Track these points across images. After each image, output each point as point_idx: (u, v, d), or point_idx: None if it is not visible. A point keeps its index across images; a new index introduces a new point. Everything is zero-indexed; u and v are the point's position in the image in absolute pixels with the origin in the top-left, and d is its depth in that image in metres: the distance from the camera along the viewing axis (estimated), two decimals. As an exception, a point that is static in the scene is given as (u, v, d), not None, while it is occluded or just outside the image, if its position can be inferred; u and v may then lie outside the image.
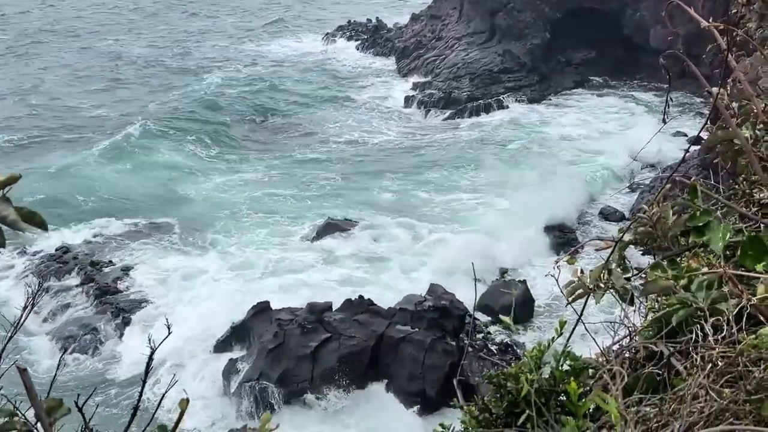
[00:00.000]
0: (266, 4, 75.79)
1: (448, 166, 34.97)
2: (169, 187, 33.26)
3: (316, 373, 19.64)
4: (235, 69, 51.61)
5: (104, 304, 24.34)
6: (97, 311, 24.12)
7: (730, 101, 2.93)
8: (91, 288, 25.19)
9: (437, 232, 28.38)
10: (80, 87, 49.15)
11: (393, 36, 55.03)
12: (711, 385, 2.03)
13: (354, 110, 43.34)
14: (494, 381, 2.85)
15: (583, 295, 2.77)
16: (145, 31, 65.43)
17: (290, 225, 29.63)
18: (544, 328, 22.19)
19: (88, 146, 37.93)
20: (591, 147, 36.54)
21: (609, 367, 2.28)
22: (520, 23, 46.27)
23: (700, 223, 2.61)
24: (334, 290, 24.09)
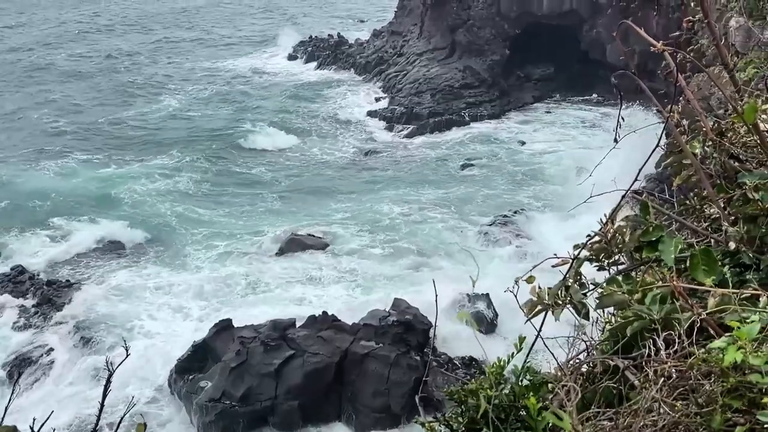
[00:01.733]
0: (224, 20, 75.52)
1: (407, 182, 35.19)
2: (125, 205, 32.80)
3: (280, 391, 19.45)
4: (193, 87, 51.23)
5: (60, 324, 23.79)
6: (53, 333, 23.55)
7: (680, 118, 3.02)
8: (48, 308, 24.62)
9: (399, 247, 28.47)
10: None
11: (354, 52, 55.26)
12: (664, 399, 2.07)
13: (314, 126, 43.33)
14: (455, 397, 2.86)
15: (542, 311, 2.81)
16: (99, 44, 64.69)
17: (252, 241, 29.43)
18: (508, 340, 22.33)
19: (43, 161, 37.32)
20: (547, 161, 37.07)
21: (564, 383, 2.31)
22: (480, 39, 46.88)
23: (652, 238, 2.67)
24: (298, 306, 23.97)
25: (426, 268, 27.10)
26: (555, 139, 40.03)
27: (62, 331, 23.45)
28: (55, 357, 22.41)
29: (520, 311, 3.44)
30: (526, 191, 33.90)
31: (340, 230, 30.12)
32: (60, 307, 24.57)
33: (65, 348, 22.69)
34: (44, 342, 23.03)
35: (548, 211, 31.79)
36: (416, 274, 26.61)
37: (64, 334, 23.28)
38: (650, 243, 2.69)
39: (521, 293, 3.31)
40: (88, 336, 22.98)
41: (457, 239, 29.19)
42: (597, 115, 43.49)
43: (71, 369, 21.88)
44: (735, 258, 2.66)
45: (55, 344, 22.87)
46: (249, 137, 41.39)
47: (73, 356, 22.34)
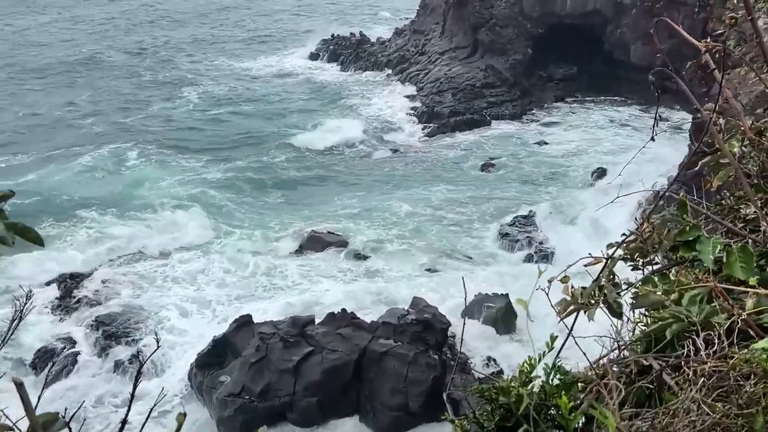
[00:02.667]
0: (247, 19, 75.82)
1: (425, 181, 35.17)
2: (150, 200, 33.04)
3: (298, 387, 19.52)
4: (215, 85, 51.48)
5: (85, 316, 24.03)
6: (78, 324, 23.80)
7: (717, 118, 2.98)
8: (72, 301, 24.90)
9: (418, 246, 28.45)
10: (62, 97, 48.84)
11: (376, 50, 55.24)
12: (703, 399, 2.05)
13: (336, 124, 43.35)
14: (485, 395, 2.85)
15: (575, 311, 2.79)
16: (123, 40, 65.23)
17: (273, 237, 29.56)
18: (529, 342, 22.22)
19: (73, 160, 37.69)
20: (569, 162, 36.85)
21: (605, 381, 2.29)
22: (502, 39, 46.70)
23: (689, 237, 2.64)
24: (318, 303, 24.03)
25: (444, 268, 27.06)
26: (577, 140, 39.76)
27: (87, 322, 23.67)
28: (80, 349, 22.63)
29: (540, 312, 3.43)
30: (546, 192, 33.71)
31: (358, 227, 30.17)
32: (84, 300, 24.81)
33: (90, 340, 22.90)
34: (69, 334, 23.27)
35: (568, 212, 31.61)
36: (435, 273, 26.59)
37: (89, 326, 23.49)
38: (687, 242, 2.66)
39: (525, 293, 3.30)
40: (114, 328, 23.19)
41: (476, 239, 29.13)
42: (620, 115, 43.16)
43: (96, 360, 22.09)
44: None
45: (80, 336, 23.11)
46: (271, 135, 41.55)
47: (98, 348, 22.54)
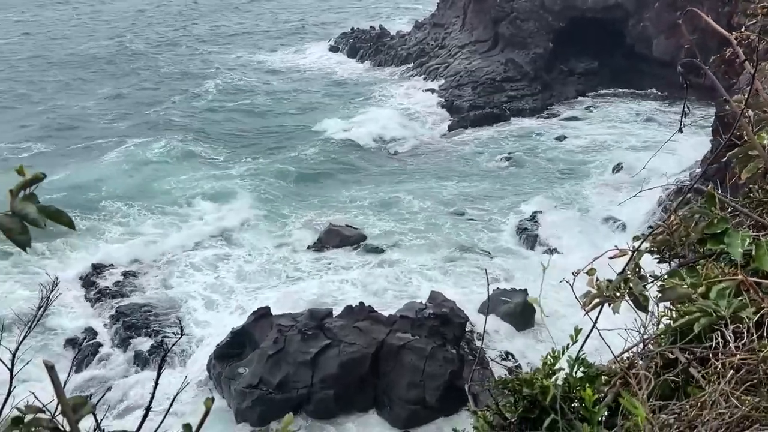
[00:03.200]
0: (267, 12, 75.97)
1: (445, 175, 35.10)
2: (174, 192, 33.25)
3: (315, 380, 19.60)
4: (234, 77, 51.67)
5: (109, 308, 24.29)
6: (103, 316, 24.07)
7: (746, 109, 2.94)
8: (92, 291, 25.18)
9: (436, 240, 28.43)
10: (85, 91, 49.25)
11: (396, 44, 55.13)
12: (732, 392, 2.03)
13: (355, 118, 43.35)
14: (509, 387, 2.85)
15: (600, 303, 2.77)
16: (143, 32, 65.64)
17: (292, 229, 29.64)
18: (547, 337, 22.14)
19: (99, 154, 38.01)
20: (590, 157, 36.60)
21: (635, 372, 2.28)
22: (523, 32, 46.41)
23: (717, 230, 2.61)
24: (335, 296, 24.10)
25: (462, 262, 27.02)
26: (598, 135, 39.44)
27: (110, 313, 23.91)
28: (103, 339, 22.87)
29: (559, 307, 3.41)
30: (566, 187, 33.50)
31: (377, 221, 30.20)
32: (109, 291, 25.10)
33: (113, 330, 23.12)
34: (92, 325, 23.53)
35: (588, 207, 31.42)
36: (452, 268, 26.56)
37: (112, 316, 23.73)
38: (715, 235, 2.64)
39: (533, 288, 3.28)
40: (135, 319, 23.41)
41: (494, 234, 29.03)
42: (642, 110, 42.73)
43: (118, 350, 22.32)
44: (803, 252, 2.59)
45: (103, 327, 23.35)
46: (291, 128, 41.68)
47: (120, 338, 22.75)
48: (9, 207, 1.67)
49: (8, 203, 1.68)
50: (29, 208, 1.68)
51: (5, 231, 1.64)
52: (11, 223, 1.65)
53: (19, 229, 1.65)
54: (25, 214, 1.68)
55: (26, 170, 1.68)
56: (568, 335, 3.04)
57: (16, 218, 1.66)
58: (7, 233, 1.65)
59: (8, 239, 1.66)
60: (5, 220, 1.64)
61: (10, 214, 1.66)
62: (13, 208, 1.67)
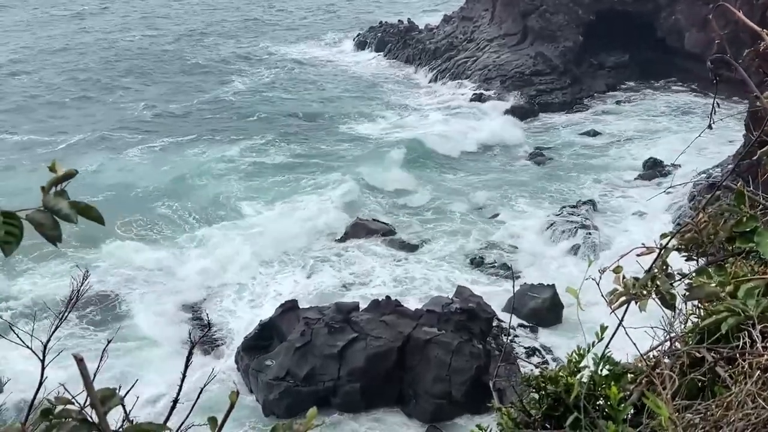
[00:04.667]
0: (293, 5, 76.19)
1: (474, 170, 34.96)
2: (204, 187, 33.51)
3: (342, 373, 19.70)
4: (261, 71, 51.87)
5: (135, 297, 24.65)
6: (129, 303, 24.40)
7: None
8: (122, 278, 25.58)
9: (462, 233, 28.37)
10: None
11: (424, 37, 54.96)
12: (759, 393, 2.01)
13: (383, 112, 43.34)
14: (533, 384, 2.84)
15: (627, 301, 2.75)
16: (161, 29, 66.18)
17: (319, 221, 29.68)
18: (572, 332, 22.00)
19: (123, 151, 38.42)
20: (620, 152, 36.21)
21: (659, 371, 2.26)
22: (552, 25, 45.99)
23: (747, 228, 2.58)
24: (362, 290, 24.17)
25: (489, 257, 26.94)
26: (628, 129, 39.00)
27: (137, 301, 24.24)
28: (134, 324, 23.15)
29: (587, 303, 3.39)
30: (596, 182, 33.20)
31: (403, 216, 30.23)
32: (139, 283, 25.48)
33: (144, 322, 23.41)
34: (121, 314, 23.88)
35: (618, 203, 31.12)
36: (480, 262, 26.50)
37: (139, 304, 24.06)
38: (744, 234, 2.60)
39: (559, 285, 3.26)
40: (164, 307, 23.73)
41: (522, 229, 28.84)
42: (674, 104, 42.16)
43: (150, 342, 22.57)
44: (835, 251, 2.54)
45: (136, 313, 23.65)
46: (315, 119, 41.81)
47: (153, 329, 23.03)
48: (41, 203, 1.71)
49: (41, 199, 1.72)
50: (61, 204, 1.72)
51: (37, 226, 1.68)
52: (43, 219, 1.69)
53: (51, 225, 1.69)
54: (58, 209, 1.72)
55: (59, 166, 1.71)
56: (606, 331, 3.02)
57: (48, 214, 1.70)
58: (39, 228, 1.69)
59: (40, 234, 1.70)
60: (37, 215, 1.68)
61: (43, 210, 1.70)
62: (46, 203, 1.71)
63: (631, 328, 2.93)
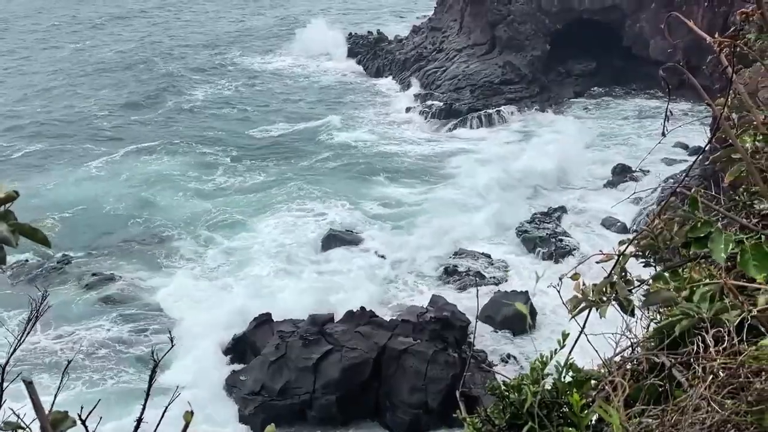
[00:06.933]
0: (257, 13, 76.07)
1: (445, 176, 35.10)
2: (167, 200, 33.27)
3: (317, 385, 19.59)
4: (224, 82, 51.71)
5: (105, 315, 24.31)
6: (98, 323, 24.07)
7: (730, 112, 2.95)
8: (94, 299, 25.20)
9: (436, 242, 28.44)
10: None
11: (394, 48, 55.19)
12: (713, 396, 2.04)
13: (353, 122, 43.37)
14: (496, 392, 2.85)
15: (586, 308, 2.78)
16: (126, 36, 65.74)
17: (292, 234, 29.59)
18: (547, 339, 22.13)
19: (86, 160, 38.07)
20: (589, 158, 36.56)
21: (611, 379, 2.28)
22: (520, 35, 46.47)
23: (701, 234, 2.62)
24: (336, 301, 24.08)
25: (463, 265, 27.00)
26: (596, 136, 39.44)
27: (106, 320, 23.93)
28: (101, 346, 22.86)
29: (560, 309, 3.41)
30: (566, 188, 33.52)
31: (376, 224, 30.25)
32: (105, 299, 25.11)
33: (110, 336, 23.12)
34: (89, 333, 23.53)
35: (587, 209, 31.43)
36: (454, 271, 26.55)
37: (109, 323, 23.75)
38: (699, 239, 2.64)
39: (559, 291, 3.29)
40: (133, 326, 23.44)
41: (495, 237, 29.01)
42: (640, 110, 42.76)
43: (117, 357, 22.30)
44: (787, 255, 2.59)
45: (101, 332, 23.35)
46: (284, 132, 41.72)
47: (118, 345, 22.76)
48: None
49: None
50: (1, 227, 1.69)
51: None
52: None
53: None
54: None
55: (1, 187, 1.69)
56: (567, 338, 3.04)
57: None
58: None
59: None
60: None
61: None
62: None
63: (593, 334, 2.96)
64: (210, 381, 20.84)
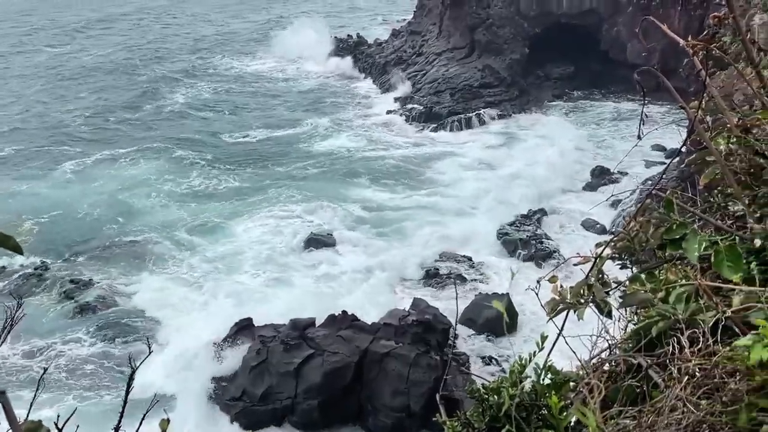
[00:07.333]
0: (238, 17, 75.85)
1: (426, 180, 35.17)
2: (145, 205, 33.02)
3: (299, 390, 19.52)
4: (203, 85, 51.48)
5: (84, 322, 24.06)
6: (77, 330, 23.82)
7: (704, 115, 2.99)
8: (71, 306, 24.92)
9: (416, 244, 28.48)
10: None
11: (374, 52, 55.27)
12: (688, 397, 2.05)
13: (333, 125, 43.34)
14: (476, 395, 2.85)
15: (564, 310, 2.79)
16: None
17: (272, 238, 29.49)
18: (528, 340, 22.22)
19: (62, 164, 37.72)
20: (568, 161, 36.80)
21: (587, 381, 2.30)
22: (499, 39, 46.73)
23: (676, 235, 2.65)
24: (318, 305, 24.00)
25: (444, 268, 27.05)
26: (575, 139, 39.70)
27: (85, 327, 23.69)
28: (79, 353, 22.64)
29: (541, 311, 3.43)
30: (545, 190, 33.67)
31: (355, 227, 30.24)
32: (84, 306, 24.85)
33: (89, 345, 22.90)
34: (67, 340, 23.28)
35: (567, 211, 31.63)
36: (435, 274, 26.58)
37: (88, 330, 23.52)
38: (674, 240, 2.67)
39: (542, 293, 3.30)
40: (111, 333, 23.22)
41: (476, 239, 29.07)
42: (618, 113, 43.16)
43: (95, 365, 22.08)
44: (761, 256, 2.62)
45: (78, 341, 23.12)
46: (264, 136, 41.60)
47: (97, 353, 22.55)
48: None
49: None
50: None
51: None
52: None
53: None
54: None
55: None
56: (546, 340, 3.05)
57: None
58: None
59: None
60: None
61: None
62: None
63: (571, 336, 2.97)
64: (191, 388, 20.67)
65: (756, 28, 13.11)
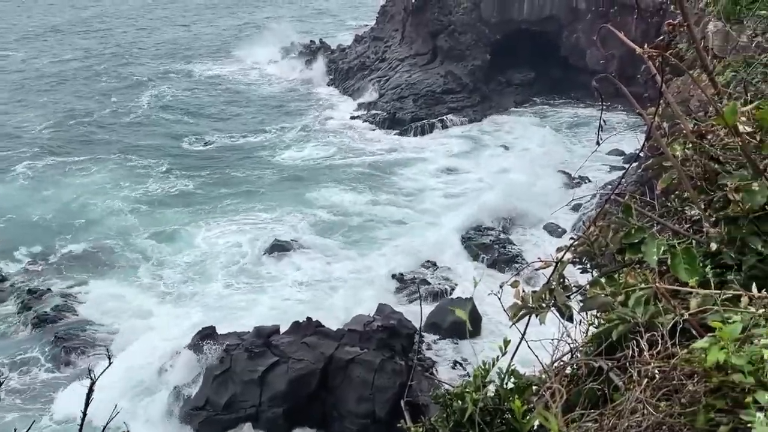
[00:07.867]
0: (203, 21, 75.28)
1: (389, 188, 35.25)
2: (104, 211, 32.49)
3: (264, 398, 19.36)
4: (164, 90, 51.00)
5: (42, 333, 23.54)
6: (35, 341, 23.30)
7: (661, 121, 3.04)
8: (29, 317, 24.37)
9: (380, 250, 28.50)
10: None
11: (337, 57, 55.27)
12: (648, 399, 2.08)
13: (295, 131, 43.19)
14: (440, 401, 2.86)
15: (527, 314, 2.82)
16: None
17: (233, 245, 29.23)
18: (493, 344, 22.32)
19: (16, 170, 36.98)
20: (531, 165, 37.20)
21: (549, 385, 2.32)
22: (461, 45, 47.10)
23: (635, 240, 2.69)
24: (282, 312, 23.88)
25: (408, 273, 27.12)
26: (537, 144, 40.19)
27: (44, 338, 23.19)
28: (38, 365, 22.15)
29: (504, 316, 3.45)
30: (510, 195, 33.94)
31: (318, 233, 30.15)
32: (43, 317, 24.32)
33: (49, 358, 22.42)
34: (25, 352, 22.76)
35: (531, 216, 31.95)
36: (399, 279, 26.63)
37: (46, 341, 23.03)
38: (633, 245, 2.71)
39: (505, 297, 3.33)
40: (71, 344, 22.75)
41: (440, 244, 29.21)
42: (578, 119, 43.82)
43: (55, 378, 21.63)
44: (716, 259, 2.68)
45: (37, 352, 22.62)
46: (225, 143, 41.29)
47: (57, 365, 22.09)
48: None
49: None
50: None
51: None
52: None
53: None
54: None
55: None
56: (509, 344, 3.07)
57: None
58: None
59: None
60: None
61: None
62: None
63: (533, 341, 3.00)
64: (152, 398, 20.38)
65: (710, 35, 13.42)
